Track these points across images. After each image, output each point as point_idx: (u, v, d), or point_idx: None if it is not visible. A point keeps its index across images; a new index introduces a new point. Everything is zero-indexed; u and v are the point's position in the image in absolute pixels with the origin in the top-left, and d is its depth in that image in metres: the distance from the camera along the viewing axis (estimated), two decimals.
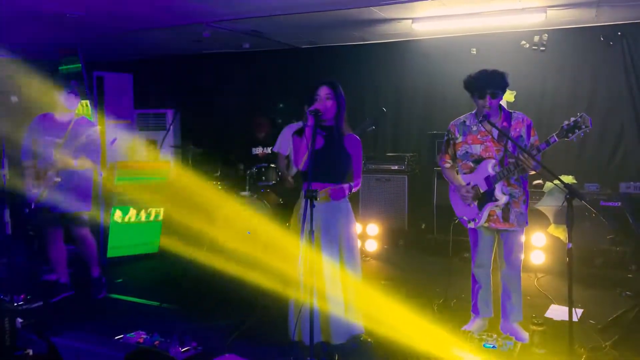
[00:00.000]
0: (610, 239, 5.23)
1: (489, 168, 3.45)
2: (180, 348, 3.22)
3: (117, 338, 3.49)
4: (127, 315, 4.25)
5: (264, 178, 5.86)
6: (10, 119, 5.55)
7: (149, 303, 4.50)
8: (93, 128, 4.57)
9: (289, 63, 7.47)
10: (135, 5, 5.08)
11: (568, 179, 5.26)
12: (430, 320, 3.78)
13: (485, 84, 3.36)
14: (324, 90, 3.32)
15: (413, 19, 5.81)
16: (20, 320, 3.63)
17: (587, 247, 5.19)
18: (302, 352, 3.21)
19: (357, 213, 5.35)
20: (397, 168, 6.33)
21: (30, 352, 3.19)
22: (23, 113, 5.74)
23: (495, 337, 3.36)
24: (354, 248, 3.43)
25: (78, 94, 4.62)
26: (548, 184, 5.41)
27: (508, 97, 5.76)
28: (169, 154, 7.00)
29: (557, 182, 2.91)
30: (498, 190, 3.44)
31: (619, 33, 5.77)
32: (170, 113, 7.65)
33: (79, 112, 6.55)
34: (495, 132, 3.43)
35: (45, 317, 4.13)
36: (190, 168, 6.22)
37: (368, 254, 5.93)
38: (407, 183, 6.23)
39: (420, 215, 6.28)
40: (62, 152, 4.39)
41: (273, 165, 5.85)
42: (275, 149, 4.82)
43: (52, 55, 6.84)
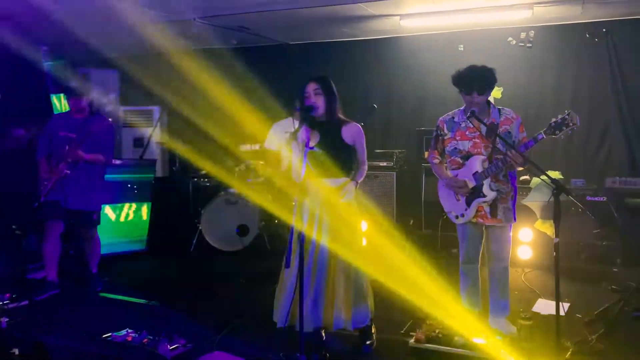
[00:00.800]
0: (596, 234, 5.29)
1: (478, 164, 3.46)
2: (169, 346, 3.20)
3: (105, 336, 3.45)
4: (114, 313, 4.22)
5: (252, 175, 5.84)
6: None
7: (137, 301, 4.47)
8: (106, 123, 4.56)
9: (278, 59, 7.43)
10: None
11: (555, 175, 5.29)
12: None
13: (474, 80, 3.35)
14: (312, 86, 3.32)
15: (401, 16, 5.82)
16: (6, 320, 3.59)
17: (573, 241, 5.23)
18: (291, 346, 3.17)
19: None
20: (385, 164, 6.34)
21: (17, 351, 3.15)
22: None
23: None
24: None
25: (78, 94, 4.55)
26: (535, 180, 5.45)
27: (495, 93, 5.79)
28: (156, 151, 6.93)
29: (544, 177, 2.93)
30: (486, 187, 3.45)
31: (604, 30, 5.83)
32: (157, 110, 7.58)
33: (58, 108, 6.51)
34: (484, 128, 3.44)
35: (32, 316, 4.07)
36: (178, 165, 6.18)
37: None
38: (395, 179, 6.23)
39: (409, 212, 6.30)
40: (74, 146, 4.38)
41: (262, 162, 5.83)
42: (266, 146, 4.81)
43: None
